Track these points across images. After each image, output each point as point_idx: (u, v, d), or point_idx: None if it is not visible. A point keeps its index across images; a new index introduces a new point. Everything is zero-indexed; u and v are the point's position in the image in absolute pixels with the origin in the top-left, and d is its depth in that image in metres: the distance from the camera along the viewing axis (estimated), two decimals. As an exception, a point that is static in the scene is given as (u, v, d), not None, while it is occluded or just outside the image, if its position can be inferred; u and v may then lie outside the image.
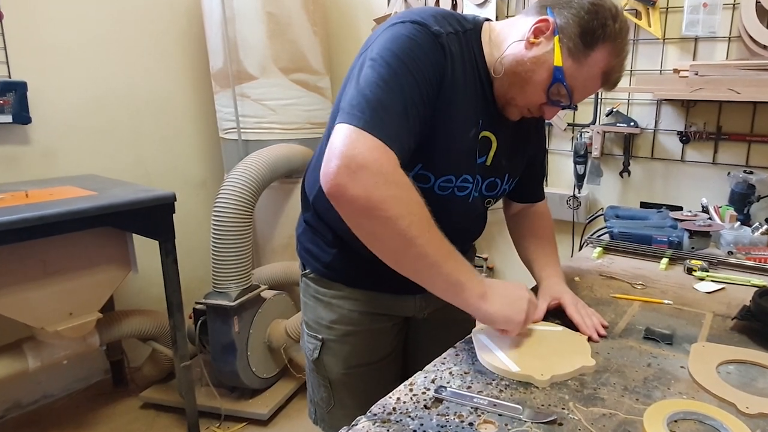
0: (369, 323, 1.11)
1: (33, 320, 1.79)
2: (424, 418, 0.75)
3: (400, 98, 0.82)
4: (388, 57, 0.84)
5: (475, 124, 0.97)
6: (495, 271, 2.47)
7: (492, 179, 1.06)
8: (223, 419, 2.25)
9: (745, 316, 1.04)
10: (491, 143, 1.02)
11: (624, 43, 0.92)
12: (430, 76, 0.87)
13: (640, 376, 0.87)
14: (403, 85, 0.83)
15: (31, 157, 2.23)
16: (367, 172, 0.75)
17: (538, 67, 0.91)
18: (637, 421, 0.74)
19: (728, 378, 0.86)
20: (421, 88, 0.85)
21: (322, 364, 1.15)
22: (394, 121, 0.80)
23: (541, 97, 0.94)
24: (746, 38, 1.72)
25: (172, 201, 1.94)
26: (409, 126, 0.83)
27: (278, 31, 2.36)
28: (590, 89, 0.95)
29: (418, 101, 0.84)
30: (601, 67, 0.91)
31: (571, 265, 1.46)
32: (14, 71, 2.13)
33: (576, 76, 0.91)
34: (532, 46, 0.91)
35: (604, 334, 1.00)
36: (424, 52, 0.86)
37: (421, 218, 0.81)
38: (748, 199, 1.75)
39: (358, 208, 0.78)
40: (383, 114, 0.79)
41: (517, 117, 1.01)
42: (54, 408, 2.38)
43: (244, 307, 2.18)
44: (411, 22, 0.88)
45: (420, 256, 0.81)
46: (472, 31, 0.97)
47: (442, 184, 0.98)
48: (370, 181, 0.75)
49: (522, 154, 1.12)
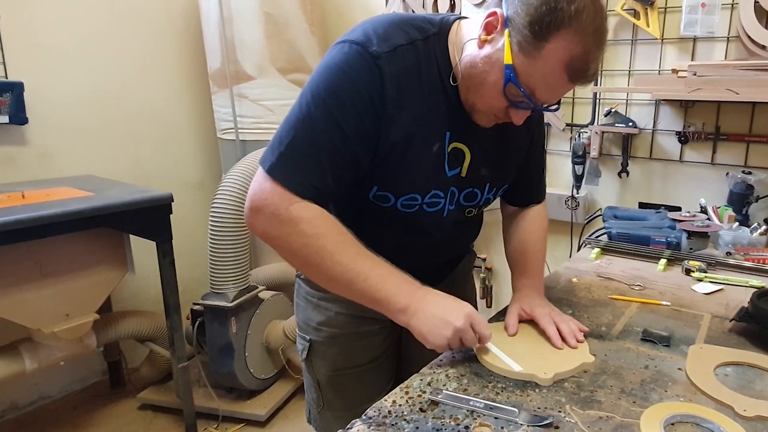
0: (355, 326, 1.10)
1: (30, 321, 1.78)
2: (419, 421, 0.75)
3: (312, 140, 0.83)
4: (312, 94, 0.84)
5: (439, 138, 0.92)
6: (494, 271, 2.46)
7: (470, 190, 1.00)
8: (220, 420, 2.25)
9: (743, 318, 1.03)
10: (464, 154, 0.96)
11: (588, 27, 0.77)
12: (360, 107, 0.83)
13: (637, 379, 0.86)
14: (318, 126, 0.83)
15: (27, 157, 2.22)
16: (261, 215, 0.85)
17: (490, 68, 0.83)
18: (634, 425, 0.74)
19: (726, 380, 0.86)
20: (342, 124, 0.83)
21: (311, 364, 1.15)
22: (301, 165, 0.84)
23: (500, 100, 0.85)
24: (745, 38, 1.72)
25: (169, 202, 1.94)
26: (320, 165, 0.84)
27: (276, 32, 2.36)
28: (556, 87, 0.83)
29: (337, 138, 0.83)
30: (561, 59, 0.78)
31: (569, 266, 1.45)
32: (11, 71, 2.12)
33: (531, 74, 0.80)
34: (484, 44, 0.83)
35: (581, 340, 0.95)
36: (353, 83, 0.83)
37: (323, 246, 0.85)
38: (747, 200, 1.74)
39: (266, 242, 0.88)
40: (290, 158, 0.84)
41: (488, 123, 0.93)
42: (51, 409, 2.37)
43: (242, 308, 2.18)
44: (351, 43, 0.84)
45: (329, 279, 0.87)
46: (435, 36, 0.89)
47: (405, 202, 0.95)
48: (265, 222, 0.86)
49: (506, 163, 1.05)
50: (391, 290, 0.86)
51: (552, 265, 2.21)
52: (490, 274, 2.46)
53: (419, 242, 1.03)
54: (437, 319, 0.85)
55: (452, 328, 0.85)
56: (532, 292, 1.07)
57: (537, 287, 1.09)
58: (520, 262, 1.15)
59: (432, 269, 1.10)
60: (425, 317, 0.86)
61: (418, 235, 1.01)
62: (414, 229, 1.00)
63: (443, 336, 0.85)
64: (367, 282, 0.86)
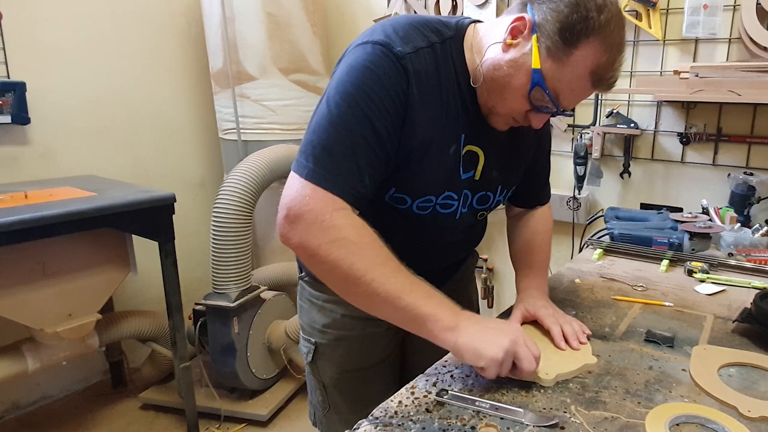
0: (361, 328, 1.10)
1: (32, 321, 1.79)
2: (426, 421, 0.75)
3: (347, 141, 0.81)
4: (341, 95, 0.82)
5: (455, 140, 0.92)
6: (495, 272, 2.47)
7: (483, 193, 1.02)
8: (222, 420, 2.25)
9: (746, 319, 1.03)
10: (478, 157, 0.97)
11: (614, 37, 0.81)
12: (389, 106, 0.83)
13: (641, 379, 0.87)
14: (351, 126, 0.81)
15: (29, 157, 2.22)
16: (302, 223, 0.79)
17: (516, 71, 0.84)
18: (639, 425, 0.74)
19: (730, 381, 0.86)
20: (376, 124, 0.82)
21: (316, 367, 1.15)
22: (339, 167, 0.80)
23: (523, 103, 0.87)
24: (746, 40, 1.72)
25: (171, 202, 1.94)
26: (358, 167, 0.82)
27: (278, 32, 2.36)
28: (579, 92, 0.85)
29: (372, 138, 0.82)
30: (588, 66, 0.81)
31: (571, 266, 1.46)
32: (13, 72, 2.12)
33: (559, 79, 0.82)
34: (509, 48, 0.84)
35: (584, 342, 0.95)
36: (381, 83, 0.82)
37: (367, 257, 0.79)
38: (749, 201, 1.75)
39: (301, 255, 0.82)
40: (327, 161, 0.80)
41: (504, 127, 0.95)
42: (53, 409, 2.37)
43: (244, 308, 2.18)
44: (374, 44, 0.84)
45: (369, 294, 0.80)
46: (452, 39, 0.90)
47: (421, 204, 0.95)
48: (304, 231, 0.79)
49: (516, 165, 1.07)
50: (438, 308, 0.82)
51: (554, 266, 2.22)
52: (491, 274, 2.46)
53: (429, 244, 1.03)
54: (492, 332, 0.82)
55: (510, 339, 0.80)
56: (536, 293, 1.07)
57: (541, 288, 1.09)
58: (524, 263, 1.15)
59: (438, 271, 1.10)
60: (477, 333, 0.81)
61: (429, 238, 1.01)
62: (426, 231, 1.00)
63: (501, 347, 0.79)
64: (410, 299, 0.80)
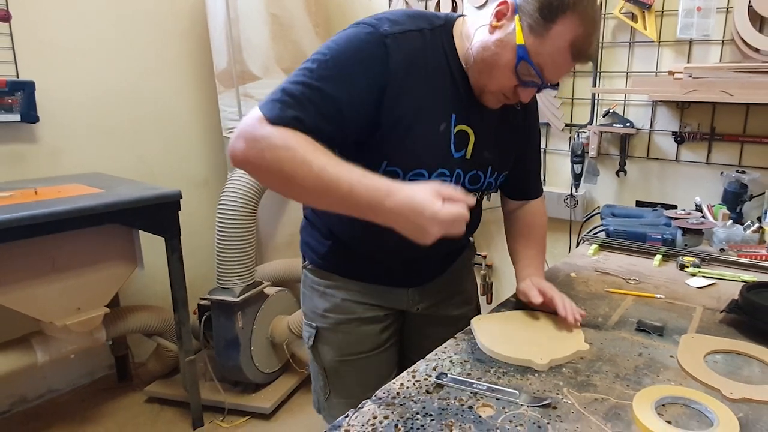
0: (361, 312, 1.16)
1: (42, 314, 1.83)
2: (426, 401, 0.80)
3: (303, 89, 0.88)
4: (322, 57, 0.91)
5: (445, 119, 1.00)
6: (494, 268, 2.51)
7: (474, 172, 1.07)
8: (226, 413, 2.29)
9: (733, 310, 1.08)
10: (469, 137, 1.04)
11: (589, 12, 0.90)
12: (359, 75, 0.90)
13: (631, 365, 0.91)
14: (311, 78, 0.89)
15: (37, 155, 2.26)
16: (241, 139, 0.86)
17: (502, 50, 0.93)
18: (627, 405, 0.78)
19: (715, 367, 0.91)
20: (340, 85, 0.89)
21: (318, 352, 1.20)
22: (287, 102, 0.87)
23: (511, 79, 0.95)
24: (739, 41, 1.77)
25: (177, 199, 1.98)
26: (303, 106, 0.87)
27: (281, 32, 2.40)
28: (561, 65, 0.94)
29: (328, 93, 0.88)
30: (567, 39, 0.90)
31: (567, 261, 1.50)
32: (22, 71, 2.17)
33: (541, 53, 0.91)
34: (495, 29, 0.93)
35: (582, 316, 1.03)
36: (356, 52, 0.91)
37: (295, 156, 0.83)
38: (741, 198, 1.79)
39: (246, 168, 0.89)
40: (281, 99, 0.87)
41: (496, 105, 1.02)
42: (59, 402, 2.42)
43: (248, 303, 2.22)
44: (363, 24, 0.94)
45: (307, 188, 0.84)
46: (442, 27, 1.00)
47: (412, 178, 1.00)
48: (243, 146, 0.86)
49: (508, 147, 1.13)
50: (373, 183, 0.84)
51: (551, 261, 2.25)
52: (490, 271, 2.51)
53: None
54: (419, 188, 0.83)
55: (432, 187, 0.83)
56: (536, 276, 1.15)
57: (540, 275, 1.17)
58: (522, 254, 1.21)
59: (434, 260, 1.15)
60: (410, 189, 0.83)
61: None
62: None
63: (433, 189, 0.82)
64: (349, 186, 0.83)
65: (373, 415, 0.76)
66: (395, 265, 1.14)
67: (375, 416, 0.76)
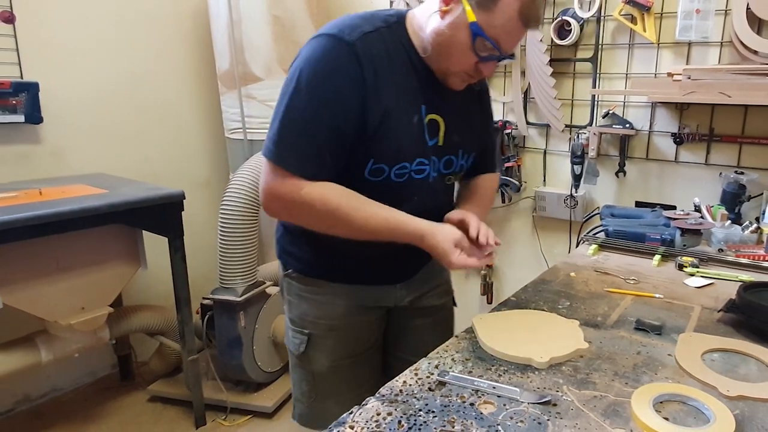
0: (354, 315, 1.18)
1: (47, 314, 1.85)
2: (428, 398, 0.81)
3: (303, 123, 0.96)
4: (302, 84, 0.96)
5: (417, 111, 1.04)
6: (494, 269, 2.53)
7: (447, 157, 1.12)
8: (228, 412, 2.31)
9: (730, 309, 1.10)
10: (439, 125, 1.08)
11: None
12: (344, 89, 0.96)
13: (629, 363, 0.93)
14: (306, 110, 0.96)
15: (41, 155, 2.28)
16: (278, 201, 1.00)
17: (456, 31, 0.97)
18: (625, 402, 0.80)
19: (712, 365, 0.92)
20: (330, 104, 0.96)
21: (308, 358, 1.20)
22: (298, 145, 0.97)
23: (471, 56, 0.99)
24: (737, 43, 1.78)
25: (181, 199, 2.00)
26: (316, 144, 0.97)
27: (283, 34, 2.42)
28: (515, 33, 0.98)
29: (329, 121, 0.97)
30: (514, 8, 0.94)
31: (567, 261, 1.52)
32: (26, 72, 2.18)
33: (494, 25, 0.95)
34: (445, 14, 0.97)
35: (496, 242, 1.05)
36: (335, 69, 0.96)
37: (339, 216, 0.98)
38: (739, 199, 1.80)
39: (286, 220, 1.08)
40: (287, 142, 0.97)
41: (461, 86, 1.07)
42: (63, 401, 2.43)
43: (250, 303, 2.24)
44: (326, 36, 0.98)
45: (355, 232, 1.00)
46: (397, 23, 1.04)
47: (397, 171, 1.05)
48: (281, 208, 1.03)
49: (472, 128, 1.17)
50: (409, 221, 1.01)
51: (551, 261, 2.28)
52: (491, 271, 2.52)
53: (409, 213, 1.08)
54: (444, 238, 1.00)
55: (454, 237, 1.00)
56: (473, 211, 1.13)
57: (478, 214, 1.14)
58: (466, 198, 1.23)
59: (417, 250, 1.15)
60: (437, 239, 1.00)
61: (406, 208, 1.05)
62: (402, 199, 1.06)
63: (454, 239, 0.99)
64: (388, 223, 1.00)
65: (377, 412, 0.78)
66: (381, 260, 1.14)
67: (378, 413, 0.78)
